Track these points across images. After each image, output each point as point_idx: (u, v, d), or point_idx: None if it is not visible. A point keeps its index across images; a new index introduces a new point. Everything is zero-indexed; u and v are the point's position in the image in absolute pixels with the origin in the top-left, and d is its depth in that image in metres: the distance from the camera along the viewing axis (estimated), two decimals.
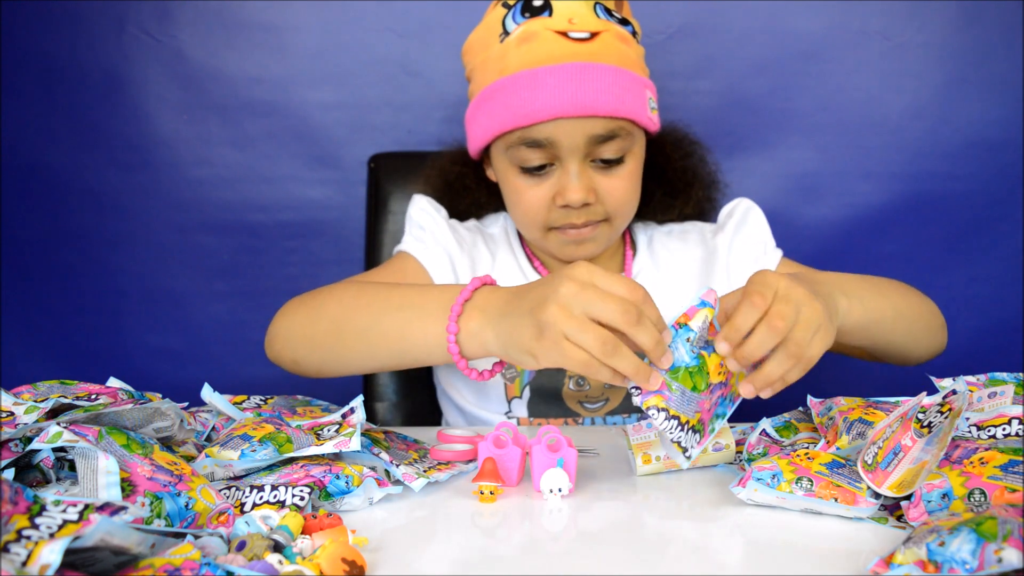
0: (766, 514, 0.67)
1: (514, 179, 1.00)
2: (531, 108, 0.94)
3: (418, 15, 1.42)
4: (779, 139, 1.45)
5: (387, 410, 1.24)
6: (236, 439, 0.72)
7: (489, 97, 0.98)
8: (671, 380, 0.69)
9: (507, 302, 0.74)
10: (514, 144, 0.97)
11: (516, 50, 0.96)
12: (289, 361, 0.92)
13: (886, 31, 1.41)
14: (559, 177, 0.97)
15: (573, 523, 0.67)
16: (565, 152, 0.95)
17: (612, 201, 0.99)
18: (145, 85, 1.43)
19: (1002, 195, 1.44)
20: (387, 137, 1.43)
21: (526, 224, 1.03)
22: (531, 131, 0.95)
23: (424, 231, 1.07)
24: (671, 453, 0.75)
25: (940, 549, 0.52)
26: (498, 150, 1.01)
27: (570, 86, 0.93)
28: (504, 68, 0.96)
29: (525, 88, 0.94)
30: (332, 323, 0.87)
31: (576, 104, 0.93)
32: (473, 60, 1.03)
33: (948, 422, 0.66)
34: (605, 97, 0.94)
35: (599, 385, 1.05)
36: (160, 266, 1.48)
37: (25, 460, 0.66)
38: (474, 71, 1.03)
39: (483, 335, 0.75)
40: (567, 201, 0.96)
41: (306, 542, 0.57)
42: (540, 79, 0.93)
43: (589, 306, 0.67)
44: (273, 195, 1.47)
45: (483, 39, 1.01)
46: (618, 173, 0.98)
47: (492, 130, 0.99)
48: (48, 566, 0.45)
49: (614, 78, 0.95)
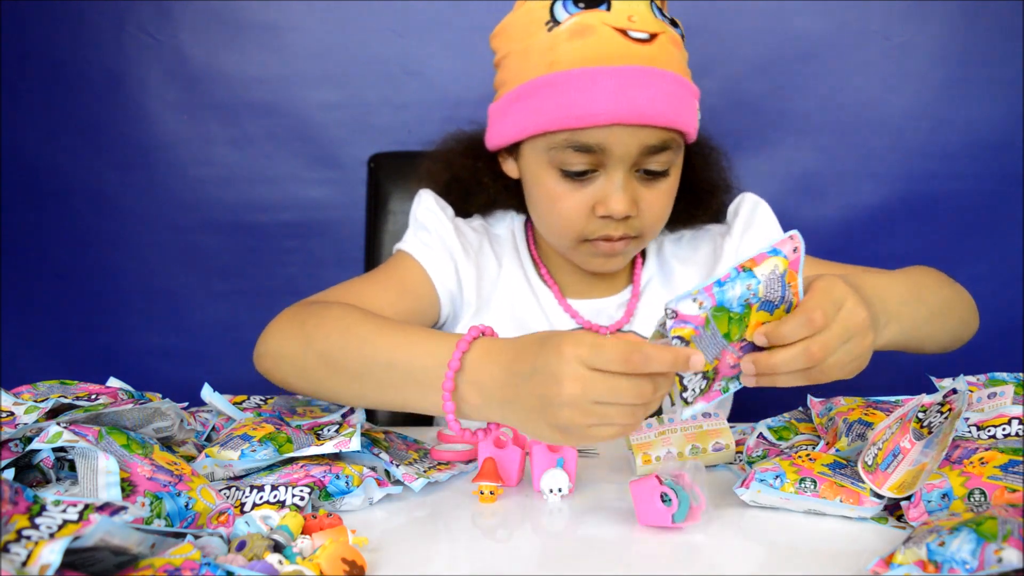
0: (767, 515, 0.67)
1: (551, 183, 0.92)
2: (586, 111, 0.86)
3: (418, 15, 1.42)
4: (779, 139, 1.45)
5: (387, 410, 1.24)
6: (236, 439, 0.72)
7: (534, 91, 0.90)
8: (712, 318, 0.62)
9: (504, 385, 0.66)
10: (558, 146, 0.89)
11: (569, 43, 0.88)
12: (280, 381, 0.86)
13: (886, 31, 1.41)
14: (602, 185, 0.90)
15: (573, 523, 0.67)
16: (614, 160, 0.89)
17: (649, 217, 0.93)
18: (145, 85, 1.43)
19: (1002, 195, 1.43)
20: (387, 137, 1.43)
21: (558, 232, 0.95)
22: (581, 134, 0.88)
23: (429, 233, 1.01)
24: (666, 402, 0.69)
25: (940, 549, 0.52)
26: (535, 149, 0.93)
27: (631, 91, 0.86)
28: (555, 62, 0.88)
29: (581, 88, 0.87)
30: (321, 358, 0.80)
31: (635, 112, 0.86)
32: (508, 46, 0.94)
33: (948, 423, 0.66)
34: (664, 107, 0.88)
35: None
36: (160, 266, 1.48)
37: (25, 460, 0.66)
38: (508, 59, 0.94)
39: (488, 414, 0.69)
40: (609, 212, 0.89)
41: (306, 542, 0.57)
42: (598, 80, 0.86)
43: (601, 399, 0.61)
44: (273, 195, 1.47)
45: (524, 25, 0.92)
46: (659, 187, 0.92)
47: (534, 127, 0.91)
48: (48, 566, 0.45)
49: (673, 86, 0.89)
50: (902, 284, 0.84)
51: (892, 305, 0.77)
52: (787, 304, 0.65)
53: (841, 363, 0.66)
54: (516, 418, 0.67)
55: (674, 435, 0.77)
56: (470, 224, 1.06)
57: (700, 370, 0.61)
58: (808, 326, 0.63)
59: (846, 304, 0.66)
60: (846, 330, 0.65)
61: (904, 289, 0.83)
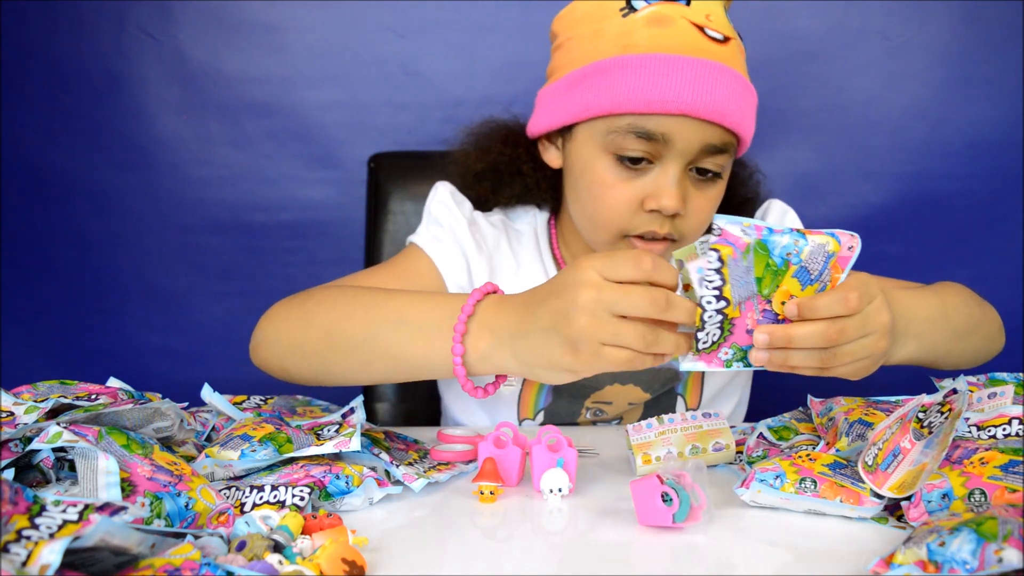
0: (767, 515, 0.67)
1: (603, 170, 0.89)
2: (659, 95, 0.84)
3: (418, 15, 1.42)
4: (779, 139, 1.45)
5: (387, 410, 1.24)
6: (236, 439, 0.72)
7: (603, 71, 0.87)
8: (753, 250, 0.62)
9: (519, 319, 0.70)
10: (620, 130, 0.86)
11: (646, 30, 0.86)
12: (277, 368, 0.86)
13: (886, 31, 1.41)
14: (655, 178, 0.87)
15: (573, 523, 0.67)
16: (674, 153, 0.86)
17: (694, 221, 0.90)
18: (145, 85, 1.43)
19: (1002, 195, 1.44)
20: (387, 137, 1.43)
21: (601, 223, 0.91)
22: (648, 120, 0.85)
23: (442, 228, 0.99)
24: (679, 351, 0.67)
25: (940, 549, 0.52)
26: (591, 132, 0.90)
27: (706, 84, 0.84)
28: (629, 45, 0.86)
29: (656, 72, 0.84)
30: (323, 332, 0.81)
31: (708, 105, 0.85)
32: (576, 30, 0.92)
33: (948, 423, 0.66)
34: (734, 106, 0.87)
35: (616, 415, 1.03)
36: (160, 266, 1.48)
37: (25, 460, 0.66)
38: (574, 40, 0.92)
39: (497, 357, 0.71)
40: (660, 206, 0.87)
41: (306, 542, 0.57)
42: (674, 67, 0.84)
43: (615, 306, 0.64)
44: (273, 195, 1.47)
45: (596, 9, 0.90)
46: (708, 192, 0.90)
47: (600, 107, 0.87)
48: (48, 566, 0.45)
49: (743, 90, 0.88)
50: (931, 304, 0.84)
51: (916, 325, 0.78)
52: (822, 285, 0.66)
53: (854, 354, 0.67)
54: (527, 347, 0.68)
55: (674, 435, 0.77)
56: (489, 219, 1.04)
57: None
58: (843, 304, 0.65)
59: (875, 301, 0.67)
60: (867, 324, 0.67)
61: (933, 310, 0.83)
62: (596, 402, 1.02)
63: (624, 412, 1.03)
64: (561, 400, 1.02)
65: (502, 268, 1.01)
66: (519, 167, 1.01)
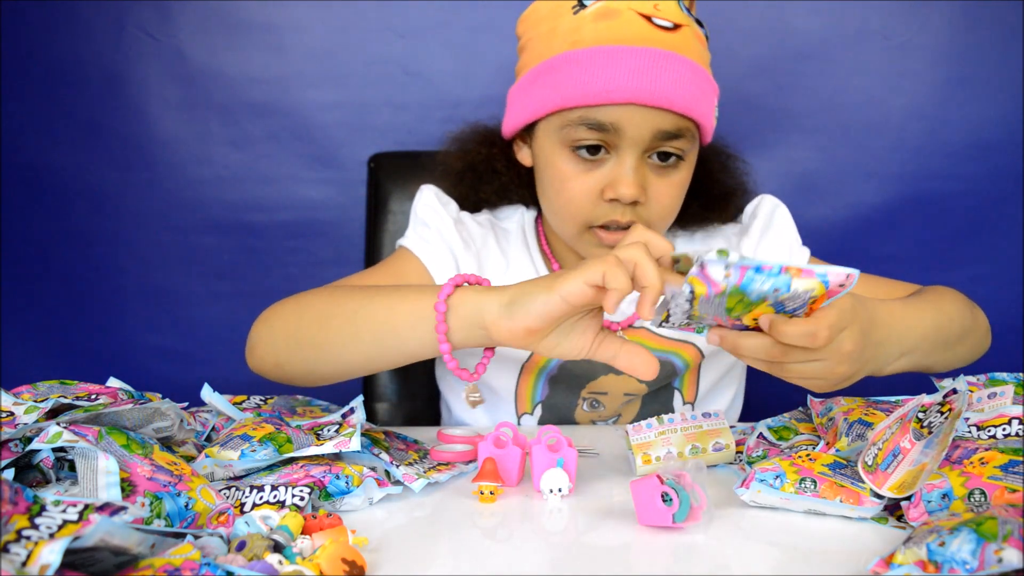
0: (767, 515, 0.67)
1: (561, 163, 0.91)
2: (604, 87, 0.86)
3: (418, 15, 1.42)
4: (779, 139, 1.45)
5: (387, 410, 1.24)
6: (236, 439, 0.72)
7: (555, 68, 0.90)
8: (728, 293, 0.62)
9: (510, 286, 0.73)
10: (572, 123, 0.89)
11: (593, 24, 0.89)
12: (272, 365, 0.87)
13: (886, 31, 1.41)
14: (612, 168, 0.90)
15: (573, 523, 0.67)
16: (627, 142, 0.88)
17: (657, 207, 0.92)
18: (145, 85, 1.43)
19: (1002, 195, 1.43)
20: (387, 137, 1.43)
21: (565, 217, 0.94)
22: (597, 111, 0.88)
23: (429, 228, 1.01)
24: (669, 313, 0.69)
25: (940, 549, 0.52)
26: (549, 128, 0.93)
27: (650, 72, 0.86)
28: (578, 40, 0.89)
29: (600, 65, 0.87)
30: (317, 316, 0.83)
31: (654, 92, 0.86)
32: (533, 30, 0.94)
33: (948, 423, 0.66)
34: (683, 91, 0.87)
35: (613, 407, 1.03)
36: (160, 266, 1.48)
37: (25, 460, 0.66)
38: (533, 41, 0.94)
39: (481, 298, 0.72)
40: (617, 195, 0.89)
41: (306, 542, 0.57)
42: (618, 58, 0.86)
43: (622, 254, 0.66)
44: (273, 195, 1.47)
45: (551, 9, 0.93)
46: (670, 178, 0.92)
47: (550, 104, 0.90)
48: (48, 566, 0.45)
49: (692, 74, 0.89)
50: (926, 317, 0.84)
51: (910, 341, 0.79)
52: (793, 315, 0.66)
53: (801, 372, 0.69)
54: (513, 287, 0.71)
55: (674, 435, 0.77)
56: (476, 219, 1.06)
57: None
58: (810, 339, 0.65)
59: (844, 332, 0.67)
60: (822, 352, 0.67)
61: (927, 324, 0.84)
62: (592, 392, 1.03)
63: (621, 406, 1.04)
64: (558, 392, 1.03)
65: (491, 265, 1.02)
66: (494, 166, 1.04)
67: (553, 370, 1.02)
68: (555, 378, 1.02)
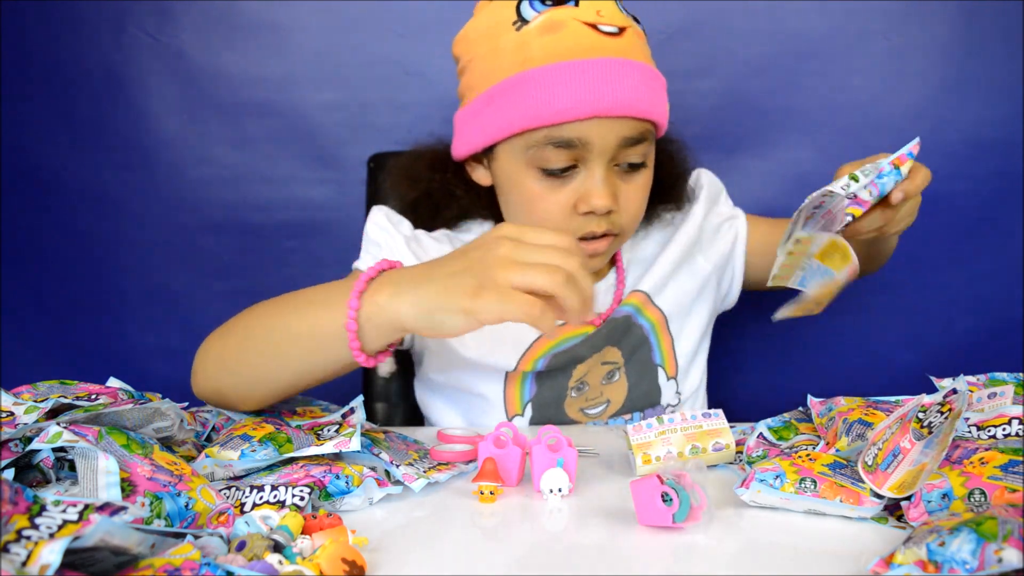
0: (767, 515, 0.67)
1: (530, 183, 0.92)
2: (566, 105, 0.86)
3: (418, 15, 1.42)
4: (779, 139, 1.45)
5: (387, 410, 1.24)
6: (236, 439, 0.72)
7: (508, 90, 0.89)
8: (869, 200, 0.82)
9: (427, 269, 0.72)
10: (538, 144, 0.89)
11: (540, 40, 0.88)
12: (212, 392, 0.84)
13: (886, 31, 1.41)
14: (582, 181, 0.91)
15: (573, 523, 0.67)
16: (594, 154, 0.89)
17: (627, 213, 0.94)
18: (145, 85, 1.43)
19: (1002, 195, 1.43)
20: (387, 137, 1.43)
21: None
22: (561, 130, 0.88)
23: (381, 248, 1.02)
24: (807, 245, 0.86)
25: (940, 549, 0.52)
26: (511, 150, 0.93)
27: (608, 83, 0.86)
28: (528, 59, 0.88)
29: (559, 82, 0.86)
30: (240, 334, 0.82)
31: (615, 103, 0.87)
32: (474, 50, 0.94)
33: (948, 423, 0.66)
34: (642, 96, 0.89)
35: (596, 385, 1.04)
36: (160, 266, 1.48)
37: (25, 460, 0.66)
38: (475, 62, 0.94)
39: (394, 306, 0.70)
40: (592, 207, 0.89)
41: (306, 542, 0.57)
42: (575, 73, 0.86)
43: (529, 255, 0.67)
44: (273, 195, 1.47)
45: (489, 27, 0.92)
46: (636, 181, 0.93)
47: (512, 127, 0.90)
48: (48, 566, 0.45)
49: (646, 77, 0.90)
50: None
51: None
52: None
53: (901, 220, 0.88)
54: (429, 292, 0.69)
55: (674, 435, 0.77)
56: (431, 236, 1.06)
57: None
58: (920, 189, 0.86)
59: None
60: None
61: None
62: (577, 379, 1.03)
63: (603, 382, 1.04)
64: (545, 387, 1.03)
65: None
66: (451, 191, 1.04)
67: (540, 368, 1.02)
68: (542, 375, 1.03)
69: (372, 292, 0.72)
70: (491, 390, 1.03)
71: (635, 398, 1.04)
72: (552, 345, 1.02)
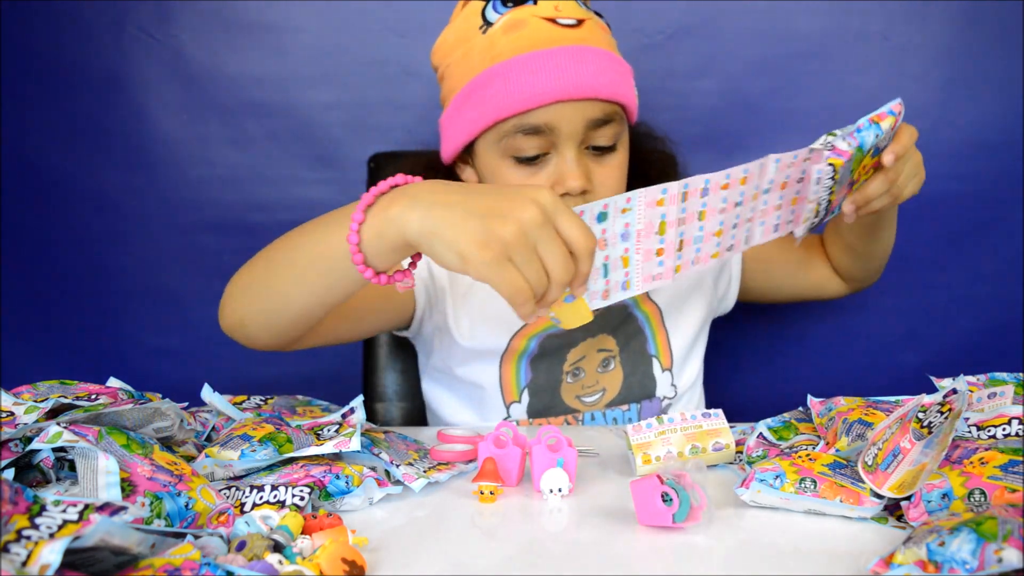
0: (767, 515, 0.67)
1: (506, 172, 0.96)
2: (530, 92, 0.91)
3: (418, 15, 1.42)
4: (779, 139, 1.45)
5: (387, 410, 1.24)
6: (236, 439, 0.72)
7: (480, 86, 0.95)
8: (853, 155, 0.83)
9: (451, 193, 0.67)
10: (508, 133, 0.94)
11: (504, 38, 0.93)
12: (238, 324, 0.85)
13: (886, 31, 1.41)
14: (556, 166, 0.95)
15: (573, 523, 0.67)
16: (563, 138, 0.93)
17: (605, 191, 0.96)
18: (145, 85, 1.43)
19: (1002, 195, 1.43)
20: (387, 137, 1.43)
21: None
22: (529, 117, 0.92)
23: None
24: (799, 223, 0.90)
25: (940, 549, 0.52)
26: (487, 144, 0.97)
27: (569, 68, 0.91)
28: (496, 55, 0.94)
29: (522, 72, 0.92)
30: (263, 263, 0.83)
31: (577, 86, 0.91)
32: (448, 58, 1.00)
33: (948, 423, 0.66)
34: (603, 79, 0.93)
35: (592, 372, 1.06)
36: (160, 266, 1.48)
37: (25, 460, 0.66)
38: (451, 68, 0.99)
39: (406, 216, 0.67)
40: (567, 189, 0.93)
41: (306, 542, 0.57)
42: (537, 63, 0.91)
43: (543, 243, 0.64)
44: (273, 195, 1.46)
45: (459, 35, 0.98)
46: (610, 162, 0.97)
47: (484, 120, 0.95)
48: (48, 566, 0.45)
49: (608, 62, 0.95)
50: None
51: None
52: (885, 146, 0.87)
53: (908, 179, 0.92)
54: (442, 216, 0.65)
55: (674, 435, 0.77)
56: None
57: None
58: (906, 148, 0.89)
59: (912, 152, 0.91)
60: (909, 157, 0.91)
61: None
62: (572, 364, 1.06)
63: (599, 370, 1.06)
64: (540, 372, 1.05)
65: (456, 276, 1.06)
66: None
67: (533, 351, 1.05)
68: (536, 358, 1.06)
69: (383, 206, 0.69)
70: (488, 375, 1.06)
71: (630, 387, 1.07)
72: (544, 327, 1.05)
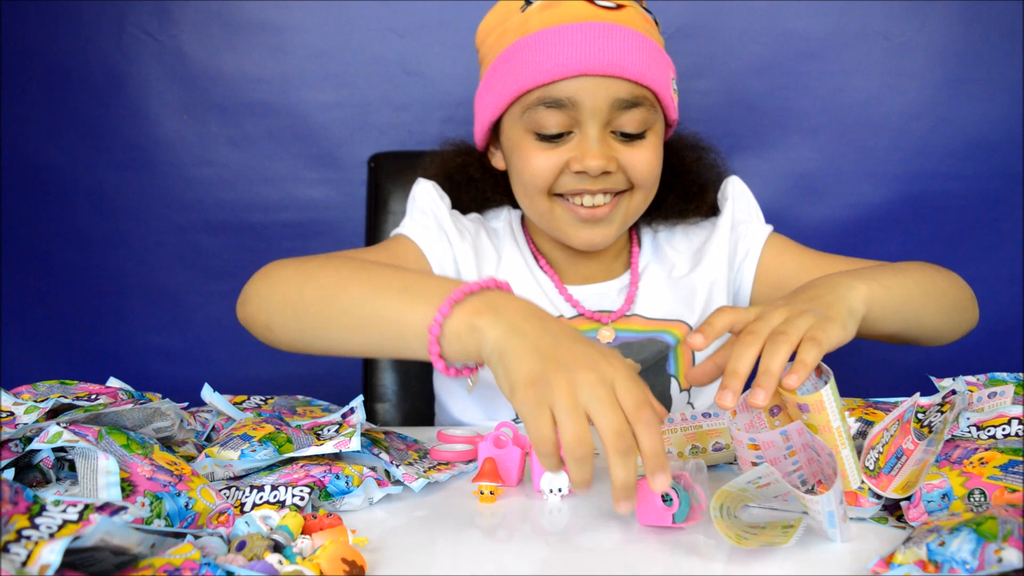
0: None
1: (527, 145, 0.93)
2: (554, 64, 0.89)
3: (418, 15, 1.42)
4: (779, 139, 1.45)
5: (387, 410, 1.24)
6: (236, 439, 0.72)
7: (508, 59, 0.93)
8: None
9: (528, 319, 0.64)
10: (532, 105, 0.91)
11: (539, 15, 0.92)
12: (262, 325, 0.82)
13: (886, 31, 1.41)
14: (577, 143, 0.92)
15: (573, 523, 0.67)
16: (587, 115, 0.90)
17: (635, 174, 0.93)
18: (145, 85, 1.43)
19: (1002, 195, 1.44)
20: (387, 137, 1.43)
21: (530, 191, 0.95)
22: (552, 89, 0.90)
23: (427, 216, 1.01)
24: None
25: (940, 549, 0.52)
26: (512, 119, 0.95)
27: (597, 43, 0.89)
28: (526, 30, 0.92)
29: (549, 44, 0.90)
30: (322, 292, 0.78)
31: (603, 62, 0.89)
32: (489, 38, 0.98)
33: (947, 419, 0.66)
34: (632, 59, 0.90)
35: None
36: (160, 266, 1.48)
37: (25, 460, 0.66)
38: (491, 48, 0.98)
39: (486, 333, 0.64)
40: (584, 167, 0.90)
41: (306, 542, 0.57)
42: (565, 35, 0.89)
43: (592, 404, 0.59)
44: (273, 195, 1.47)
45: (500, 15, 0.97)
46: (640, 146, 0.93)
47: (510, 93, 0.93)
48: (48, 566, 0.45)
49: (641, 44, 0.91)
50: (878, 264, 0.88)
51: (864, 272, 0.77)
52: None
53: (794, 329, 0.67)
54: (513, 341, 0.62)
55: (674, 435, 0.77)
56: (467, 217, 1.07)
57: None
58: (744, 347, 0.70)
59: (773, 314, 0.69)
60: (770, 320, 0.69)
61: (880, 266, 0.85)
62: None
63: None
64: None
65: (485, 258, 1.03)
66: (470, 174, 1.06)
67: None
68: None
69: (469, 311, 0.66)
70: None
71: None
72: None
